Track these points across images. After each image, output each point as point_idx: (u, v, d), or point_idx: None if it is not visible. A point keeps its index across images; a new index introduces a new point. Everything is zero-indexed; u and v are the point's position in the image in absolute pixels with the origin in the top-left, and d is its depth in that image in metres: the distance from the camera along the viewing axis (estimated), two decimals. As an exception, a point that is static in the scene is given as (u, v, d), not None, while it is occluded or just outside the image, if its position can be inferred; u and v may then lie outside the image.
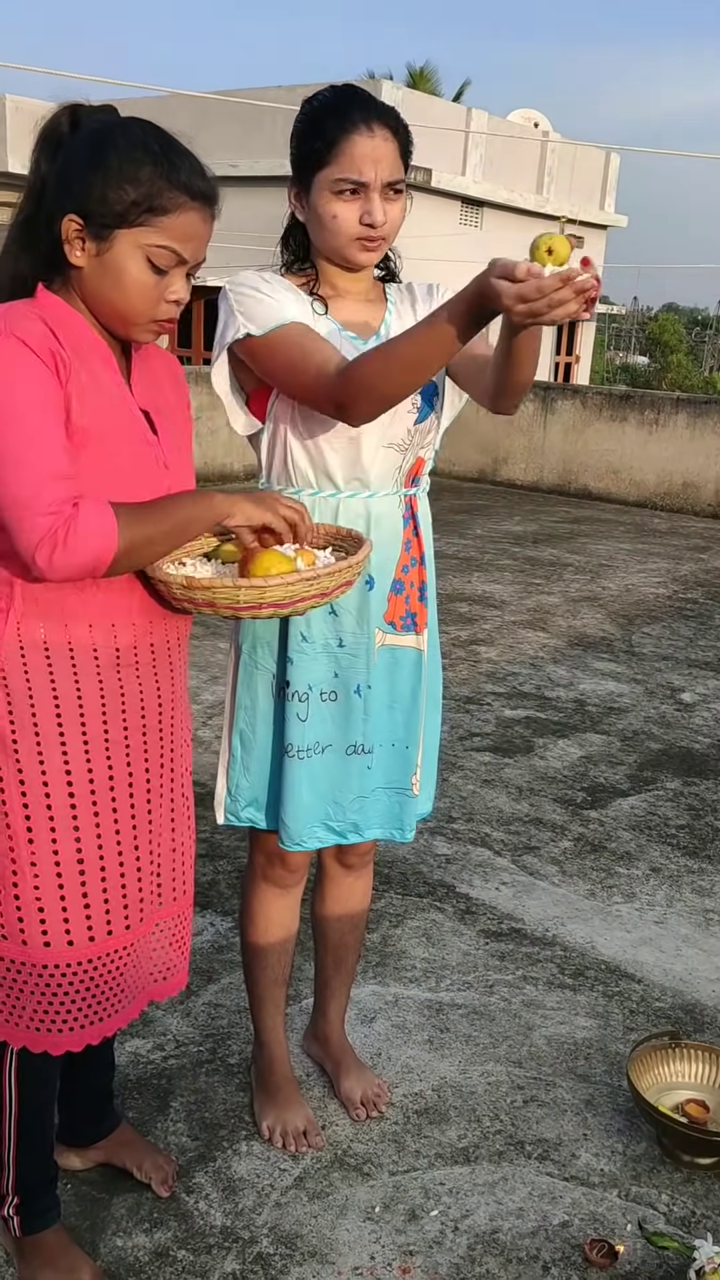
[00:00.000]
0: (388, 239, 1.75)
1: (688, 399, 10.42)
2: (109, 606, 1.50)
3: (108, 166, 1.38)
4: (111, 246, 1.41)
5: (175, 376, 1.64)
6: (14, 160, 17.77)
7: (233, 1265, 1.78)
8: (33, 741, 1.47)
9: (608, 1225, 1.90)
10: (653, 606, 6.46)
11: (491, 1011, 2.49)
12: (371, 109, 1.68)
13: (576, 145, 19.98)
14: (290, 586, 1.48)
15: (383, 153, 1.68)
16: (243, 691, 1.91)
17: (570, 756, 4.07)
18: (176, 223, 1.41)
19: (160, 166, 1.39)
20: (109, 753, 1.53)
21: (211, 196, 1.45)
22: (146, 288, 1.43)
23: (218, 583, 1.46)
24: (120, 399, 1.48)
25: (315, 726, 1.86)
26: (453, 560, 7.29)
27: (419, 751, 1.95)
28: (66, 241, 1.41)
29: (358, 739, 1.88)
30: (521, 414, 11.02)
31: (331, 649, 1.84)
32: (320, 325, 1.76)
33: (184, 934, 1.73)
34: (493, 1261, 1.82)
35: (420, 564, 1.90)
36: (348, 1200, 1.93)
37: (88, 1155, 1.94)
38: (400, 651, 1.90)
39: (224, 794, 1.96)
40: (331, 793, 1.90)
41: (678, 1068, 2.21)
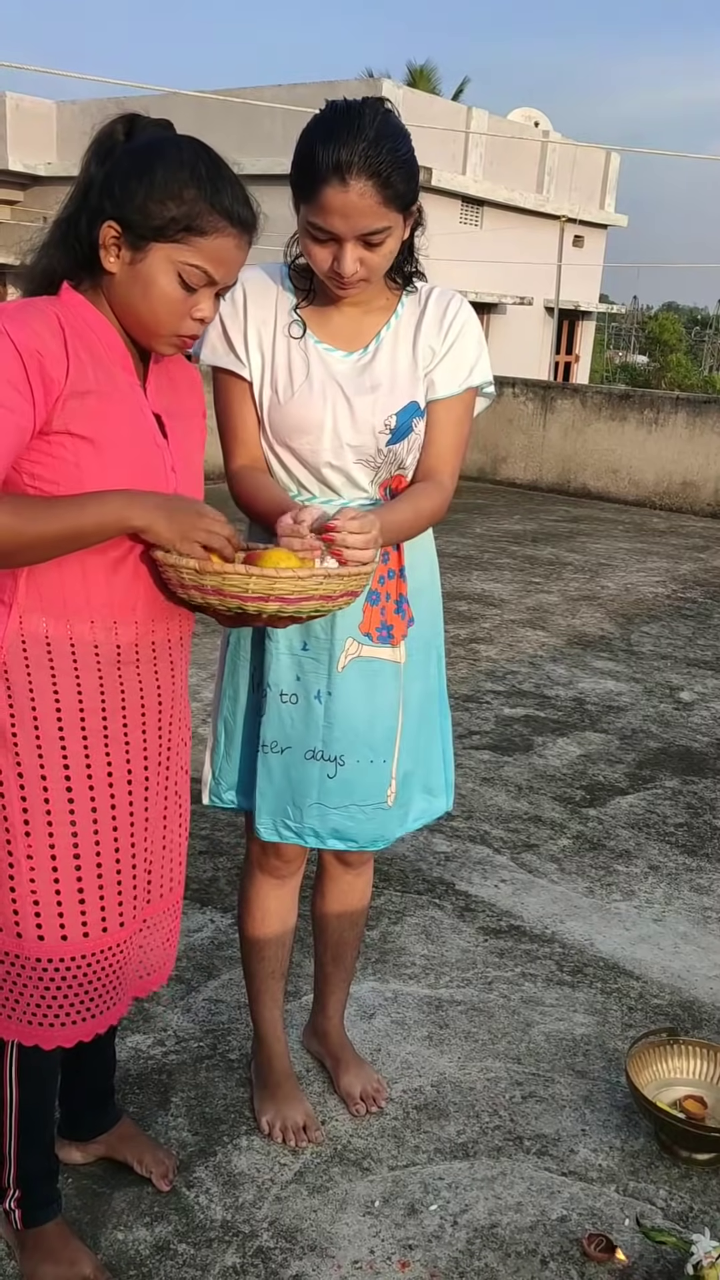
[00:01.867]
0: (369, 279, 1.70)
1: (687, 398, 10.43)
2: (111, 603, 1.51)
3: (153, 179, 1.40)
4: (146, 257, 1.43)
5: (192, 383, 1.66)
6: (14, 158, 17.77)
7: (233, 1259, 1.79)
8: (32, 736, 1.48)
9: (606, 1220, 1.91)
10: (652, 605, 6.47)
11: (490, 1008, 2.50)
12: (355, 153, 1.56)
13: (577, 145, 19.99)
14: (301, 581, 1.49)
15: (356, 208, 1.59)
16: (227, 685, 1.96)
17: (569, 755, 4.08)
18: (212, 245, 1.43)
19: (205, 189, 1.42)
20: (108, 749, 1.53)
21: (250, 224, 1.47)
22: (174, 302, 1.45)
23: (229, 569, 1.46)
24: (132, 400, 1.49)
25: (273, 725, 1.88)
26: (452, 559, 7.30)
27: (394, 764, 1.94)
28: (103, 246, 1.43)
29: (316, 744, 1.87)
30: (521, 413, 11.04)
31: (295, 651, 1.85)
32: (294, 349, 1.78)
33: (173, 930, 1.74)
34: (491, 1256, 1.83)
35: (399, 576, 1.87)
36: (347, 1195, 1.94)
37: (88, 1149, 1.95)
38: (376, 663, 1.87)
39: (209, 778, 2.02)
40: (290, 794, 1.90)
41: (676, 1064, 2.22)
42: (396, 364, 1.80)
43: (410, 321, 1.82)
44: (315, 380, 1.77)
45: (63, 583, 1.46)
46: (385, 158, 1.59)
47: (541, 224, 18.81)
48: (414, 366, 1.81)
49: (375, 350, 1.80)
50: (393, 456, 1.80)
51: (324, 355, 1.79)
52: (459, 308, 1.83)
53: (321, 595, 1.53)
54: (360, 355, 1.80)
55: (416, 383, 1.80)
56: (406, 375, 1.80)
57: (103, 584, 1.49)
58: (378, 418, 1.76)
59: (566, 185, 19.63)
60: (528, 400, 11.01)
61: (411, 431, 1.80)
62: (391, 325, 1.82)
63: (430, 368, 1.81)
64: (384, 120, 1.61)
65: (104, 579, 1.49)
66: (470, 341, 1.83)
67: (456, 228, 17.26)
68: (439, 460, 1.85)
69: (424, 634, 1.95)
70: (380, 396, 1.77)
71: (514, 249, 18.05)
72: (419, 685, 1.97)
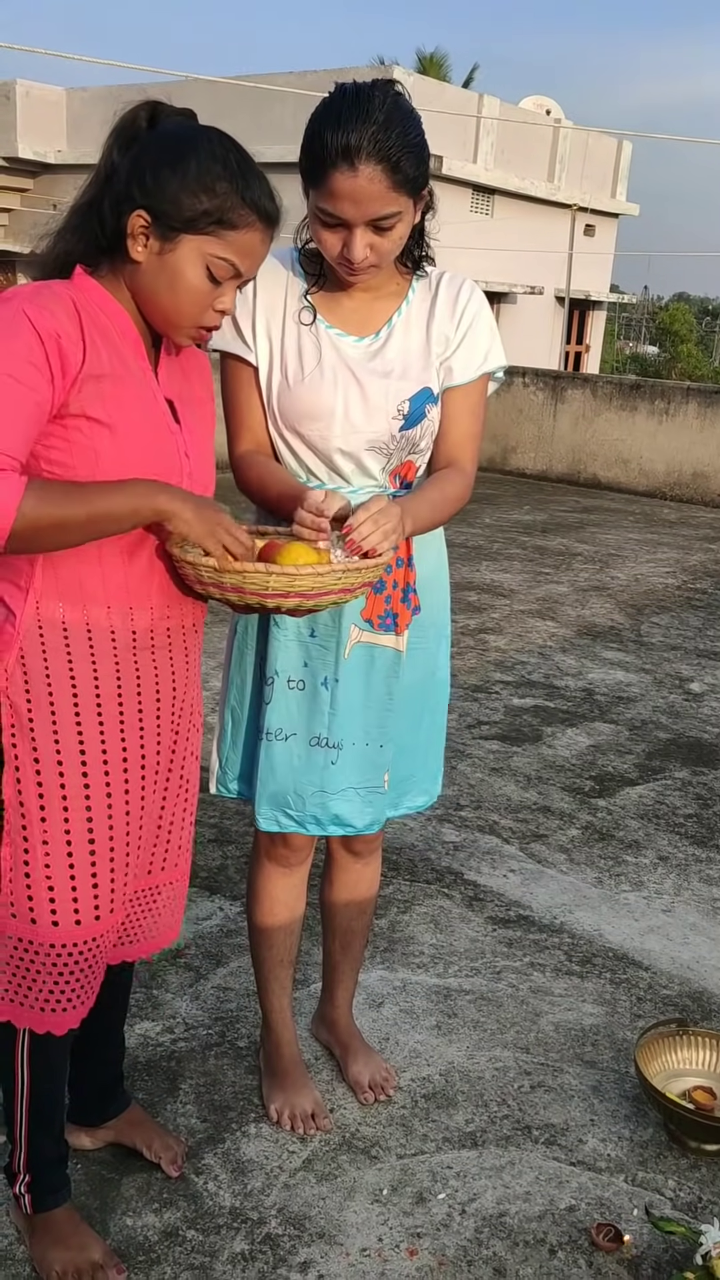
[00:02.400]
0: (379, 264, 1.69)
1: (698, 389, 10.39)
2: (128, 589, 1.51)
3: (186, 171, 1.40)
4: (175, 249, 1.43)
5: (202, 370, 1.66)
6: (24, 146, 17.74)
7: (241, 1245, 1.79)
8: (49, 723, 1.48)
9: (614, 1210, 1.91)
10: (662, 596, 6.46)
11: (499, 998, 2.50)
12: (364, 137, 1.54)
13: (588, 132, 19.89)
14: (321, 578, 1.49)
15: (365, 193, 1.57)
16: (234, 673, 1.95)
17: (579, 745, 4.07)
18: (241, 239, 1.44)
19: (236, 182, 1.42)
20: (123, 735, 1.54)
21: (276, 219, 1.48)
22: (200, 295, 1.45)
23: (249, 568, 1.46)
24: (145, 385, 1.49)
25: (279, 712, 1.87)
26: (461, 549, 7.29)
27: (391, 749, 1.93)
28: (131, 235, 1.43)
29: (322, 731, 1.87)
30: (531, 403, 11.00)
31: (303, 638, 1.85)
32: (304, 336, 1.77)
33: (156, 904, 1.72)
34: (499, 1244, 1.83)
35: (407, 565, 1.86)
36: (355, 1182, 1.94)
37: (98, 1135, 1.95)
38: (377, 650, 1.87)
39: (216, 767, 2.02)
40: (292, 782, 1.90)
41: (685, 1054, 2.22)
42: (409, 349, 1.79)
43: (422, 307, 1.81)
44: (326, 366, 1.76)
45: (79, 568, 1.46)
46: (395, 142, 1.57)
47: (552, 213, 18.72)
48: (427, 352, 1.80)
49: (388, 336, 1.79)
50: (405, 442, 1.79)
51: (335, 340, 1.78)
52: (470, 294, 1.83)
53: (341, 589, 1.53)
54: (372, 340, 1.79)
55: (430, 368, 1.79)
56: (419, 360, 1.79)
57: (119, 570, 1.49)
58: (391, 403, 1.76)
59: (578, 174, 19.53)
60: (538, 390, 10.97)
61: (425, 417, 1.79)
62: (403, 311, 1.81)
63: (446, 356, 1.81)
64: (394, 103, 1.59)
65: (121, 565, 1.49)
66: (483, 328, 1.83)
67: (467, 216, 17.18)
68: (458, 448, 1.85)
69: (431, 622, 1.95)
70: (393, 382, 1.76)
71: (525, 238, 17.97)
72: (423, 673, 1.96)
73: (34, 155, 17.80)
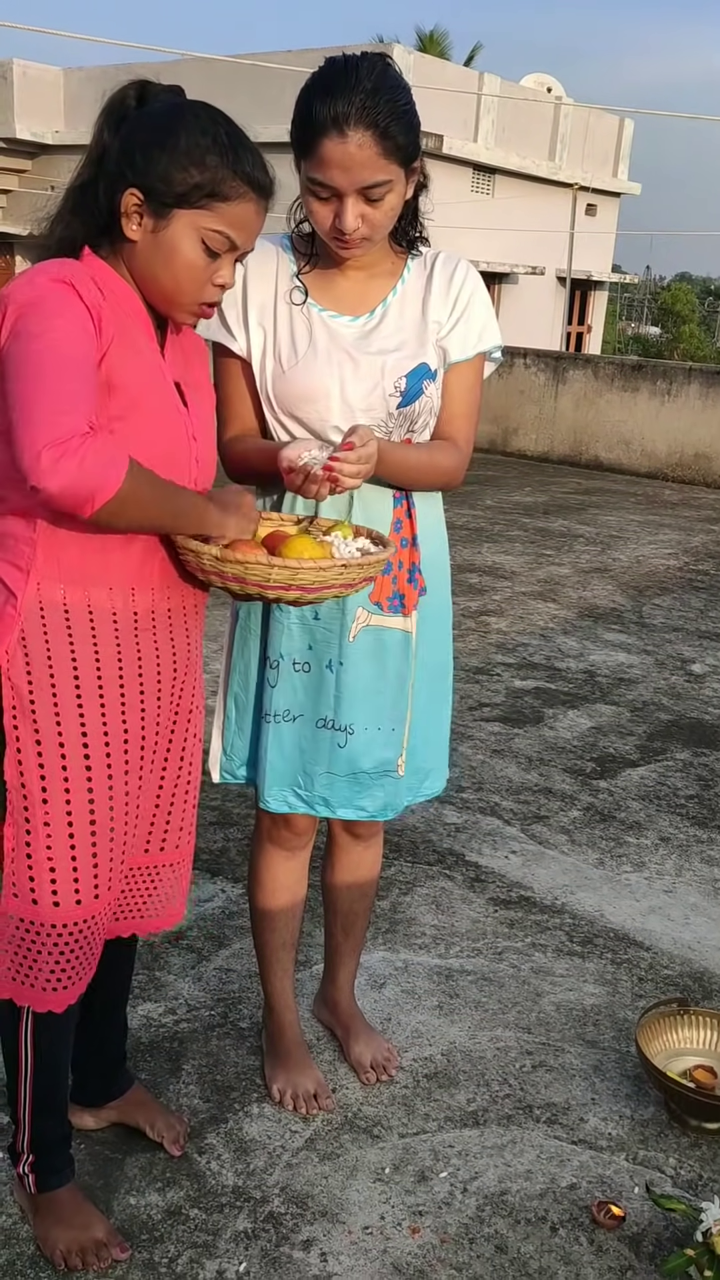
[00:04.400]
0: (370, 237, 1.68)
1: (700, 369, 10.34)
2: (128, 570, 1.51)
3: (176, 147, 1.40)
4: (169, 225, 1.43)
5: (201, 353, 1.66)
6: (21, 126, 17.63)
7: (244, 1224, 1.80)
8: (50, 704, 1.48)
9: (615, 1188, 1.92)
10: (663, 578, 6.45)
11: (501, 978, 2.51)
12: (351, 105, 1.55)
13: (590, 110, 19.72)
14: (323, 572, 1.49)
15: (356, 160, 1.58)
16: (237, 656, 1.95)
17: (580, 727, 4.07)
18: (235, 210, 1.44)
19: (227, 155, 1.42)
20: (124, 716, 1.54)
21: (269, 189, 1.48)
22: (196, 269, 1.45)
23: (250, 558, 1.46)
24: (156, 367, 1.50)
25: (285, 694, 1.87)
26: (463, 531, 7.27)
27: (406, 733, 1.93)
28: (125, 214, 1.43)
29: (328, 713, 1.87)
30: (532, 384, 10.96)
31: (307, 621, 1.85)
32: (296, 316, 1.76)
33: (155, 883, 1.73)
34: (501, 1222, 1.84)
35: (412, 545, 1.86)
36: (358, 1161, 1.95)
37: (101, 1115, 1.96)
38: (386, 633, 1.87)
39: (219, 753, 2.00)
40: (300, 763, 1.91)
41: (686, 1034, 2.23)
42: (404, 327, 1.79)
43: (417, 286, 1.81)
44: (319, 347, 1.76)
45: (80, 550, 1.46)
46: (383, 109, 1.57)
47: (554, 192, 18.59)
48: (423, 330, 1.79)
49: (382, 314, 1.79)
50: (403, 420, 1.79)
51: (328, 322, 1.77)
52: (465, 273, 1.83)
53: (342, 584, 1.53)
54: (367, 319, 1.78)
55: (426, 344, 1.79)
56: (416, 338, 1.78)
57: (120, 551, 1.49)
58: (388, 380, 1.75)
59: (579, 153, 19.38)
60: (539, 371, 10.93)
61: (422, 394, 1.79)
62: (399, 290, 1.80)
63: (442, 335, 1.80)
64: (382, 73, 1.60)
65: (121, 546, 1.49)
66: (479, 307, 1.83)
67: (468, 196, 17.07)
68: (452, 425, 1.85)
69: (436, 604, 1.94)
70: (389, 359, 1.76)
71: (526, 218, 17.85)
72: (431, 656, 1.96)
73: (32, 136, 17.67)
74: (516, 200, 18.07)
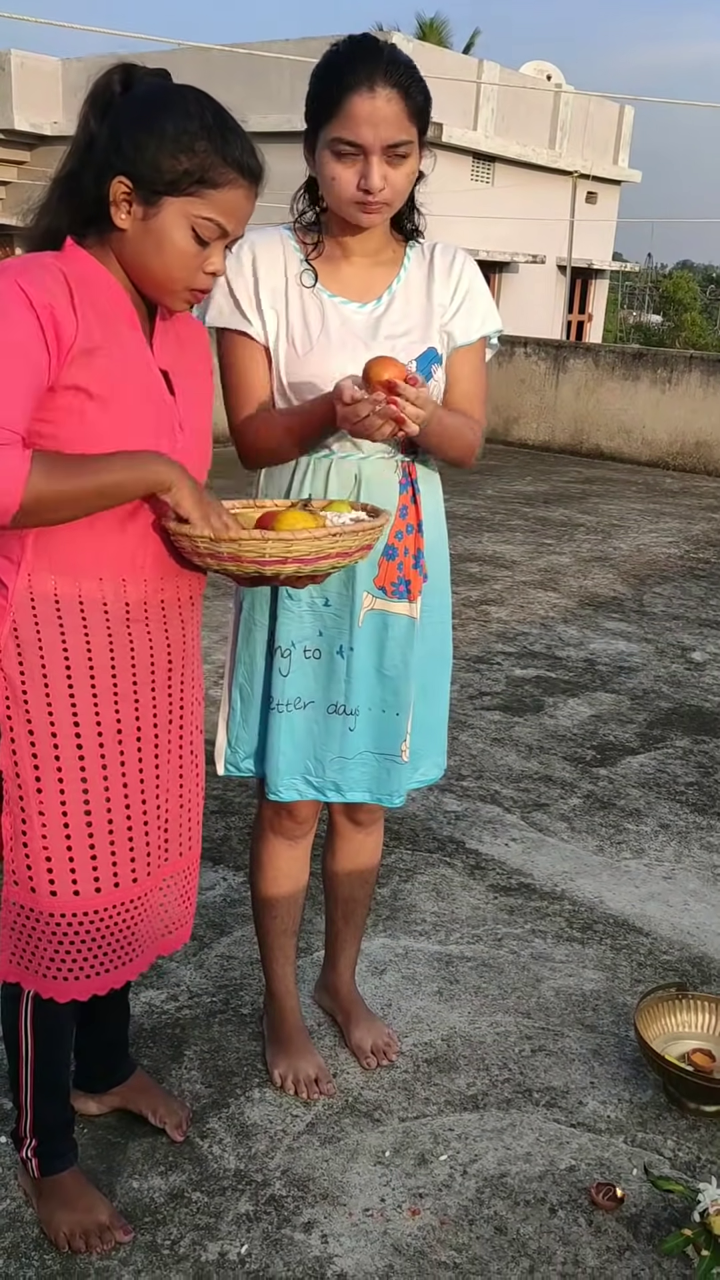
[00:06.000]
0: (390, 203, 1.71)
1: (701, 357, 10.32)
2: (120, 561, 1.51)
3: (163, 133, 1.39)
4: (159, 213, 1.42)
5: (199, 340, 1.65)
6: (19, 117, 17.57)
7: (246, 1206, 1.82)
8: (42, 693, 1.49)
9: (614, 1170, 1.94)
10: (664, 566, 6.45)
11: (500, 964, 2.53)
12: (378, 66, 1.62)
13: (590, 98, 19.65)
14: (317, 541, 1.49)
15: (384, 115, 1.62)
16: (242, 648, 1.94)
17: (580, 715, 4.08)
18: (225, 197, 1.43)
19: (215, 141, 1.41)
20: (118, 706, 1.54)
21: (259, 174, 1.47)
22: (187, 257, 1.44)
23: (244, 535, 1.46)
24: (138, 356, 1.49)
25: (296, 682, 1.88)
26: (463, 520, 7.27)
27: (409, 718, 1.94)
28: (114, 203, 1.42)
29: (339, 699, 1.89)
30: (533, 373, 10.94)
31: (317, 608, 1.85)
32: (308, 298, 1.77)
33: (190, 889, 1.75)
34: (500, 1204, 1.85)
35: (417, 531, 1.87)
36: (359, 1145, 1.97)
37: (104, 1101, 1.98)
38: (391, 617, 1.88)
39: (224, 746, 2.00)
40: (312, 749, 1.92)
41: (684, 1018, 2.24)
42: (411, 314, 1.81)
43: (420, 273, 1.84)
44: (332, 332, 1.77)
45: (71, 541, 1.47)
46: (404, 73, 1.65)
47: (554, 180, 18.54)
48: (429, 315, 1.82)
49: (389, 301, 1.81)
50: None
51: (339, 307, 1.78)
52: (464, 261, 1.87)
53: (338, 553, 1.53)
54: (374, 306, 1.80)
55: (432, 329, 1.81)
56: (422, 323, 1.81)
57: (111, 542, 1.49)
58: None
59: (579, 141, 19.31)
60: (540, 360, 10.91)
61: (431, 378, 1.81)
62: (402, 277, 1.83)
63: (446, 320, 1.83)
64: (394, 47, 1.70)
65: (113, 537, 1.49)
66: (479, 292, 1.87)
67: (468, 185, 17.02)
68: (465, 400, 1.88)
69: (436, 591, 1.96)
70: (399, 344, 1.77)
71: (526, 206, 17.81)
72: (431, 644, 1.97)
73: (30, 127, 17.63)
74: (516, 188, 18.02)
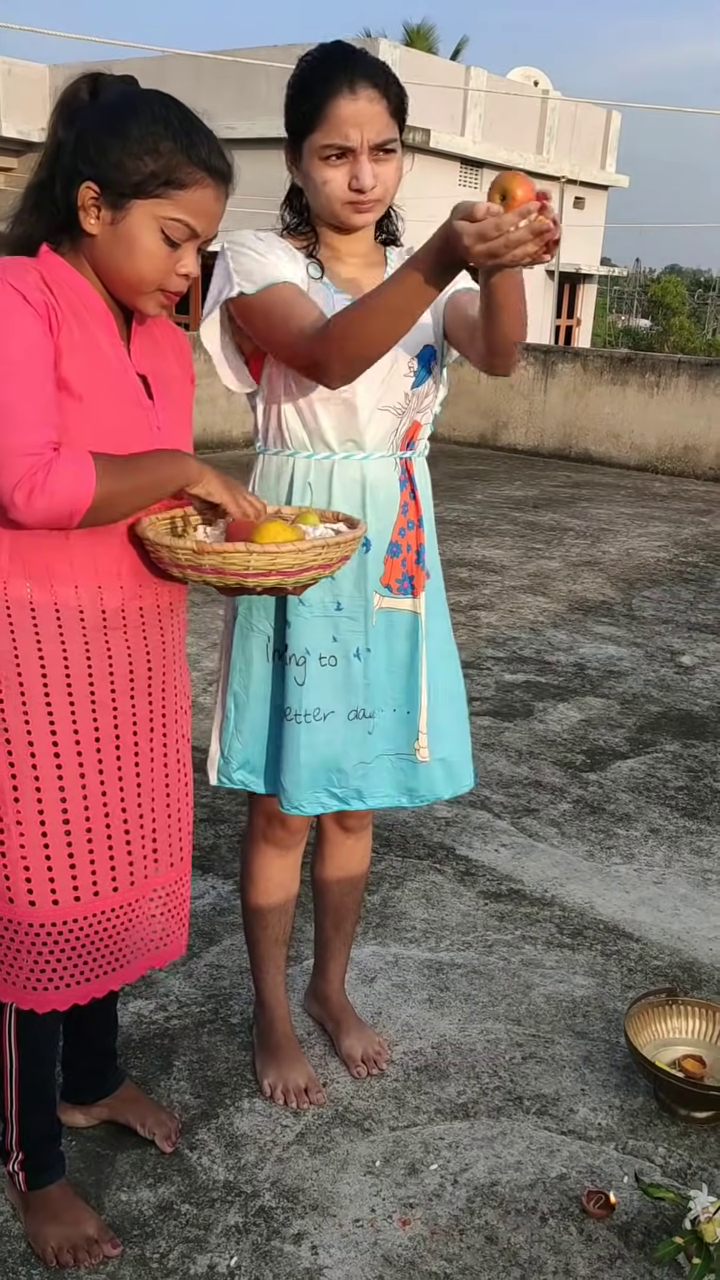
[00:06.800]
0: (382, 200, 1.73)
1: (689, 361, 10.35)
2: (96, 569, 1.50)
3: (128, 136, 1.40)
4: (127, 216, 1.42)
5: (178, 346, 1.65)
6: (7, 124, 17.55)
7: (235, 1218, 1.81)
8: (18, 701, 1.48)
9: (605, 1177, 1.93)
10: (653, 570, 6.46)
11: (491, 971, 2.52)
12: (356, 68, 1.65)
13: (577, 103, 19.72)
14: (301, 554, 1.48)
15: (368, 114, 1.64)
16: (237, 654, 1.91)
17: (570, 720, 4.08)
18: (192, 197, 1.43)
19: (180, 141, 1.41)
20: (95, 714, 1.53)
21: (227, 174, 1.47)
22: (158, 259, 1.45)
23: (229, 548, 1.45)
24: (115, 360, 1.49)
25: (314, 691, 1.85)
26: (453, 525, 7.28)
27: (422, 716, 1.93)
28: (82, 208, 1.43)
29: (359, 703, 1.88)
30: (521, 378, 10.95)
31: (330, 612, 1.84)
32: (316, 289, 1.76)
33: (182, 900, 1.74)
34: (491, 1213, 1.85)
35: (418, 527, 1.89)
36: (349, 1155, 1.96)
37: (91, 1112, 1.97)
38: (396, 615, 1.89)
39: (217, 756, 1.97)
40: (335, 759, 1.89)
41: (675, 1024, 2.24)
42: None
43: None
44: None
45: (47, 548, 1.46)
46: (381, 73, 1.68)
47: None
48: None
49: None
50: (415, 401, 1.82)
51: (343, 302, 1.76)
52: None
53: (320, 565, 1.52)
54: None
55: (426, 326, 1.81)
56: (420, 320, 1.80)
57: (87, 549, 1.49)
58: (401, 361, 1.78)
59: (567, 146, 19.37)
60: (529, 365, 10.93)
61: (429, 376, 1.82)
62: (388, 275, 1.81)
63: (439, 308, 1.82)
64: (365, 52, 1.71)
65: (89, 544, 1.49)
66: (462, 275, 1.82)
67: (455, 190, 17.05)
68: None
69: (436, 588, 1.96)
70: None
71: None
72: (438, 641, 1.96)
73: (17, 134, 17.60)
74: (505, 194, 18.02)
